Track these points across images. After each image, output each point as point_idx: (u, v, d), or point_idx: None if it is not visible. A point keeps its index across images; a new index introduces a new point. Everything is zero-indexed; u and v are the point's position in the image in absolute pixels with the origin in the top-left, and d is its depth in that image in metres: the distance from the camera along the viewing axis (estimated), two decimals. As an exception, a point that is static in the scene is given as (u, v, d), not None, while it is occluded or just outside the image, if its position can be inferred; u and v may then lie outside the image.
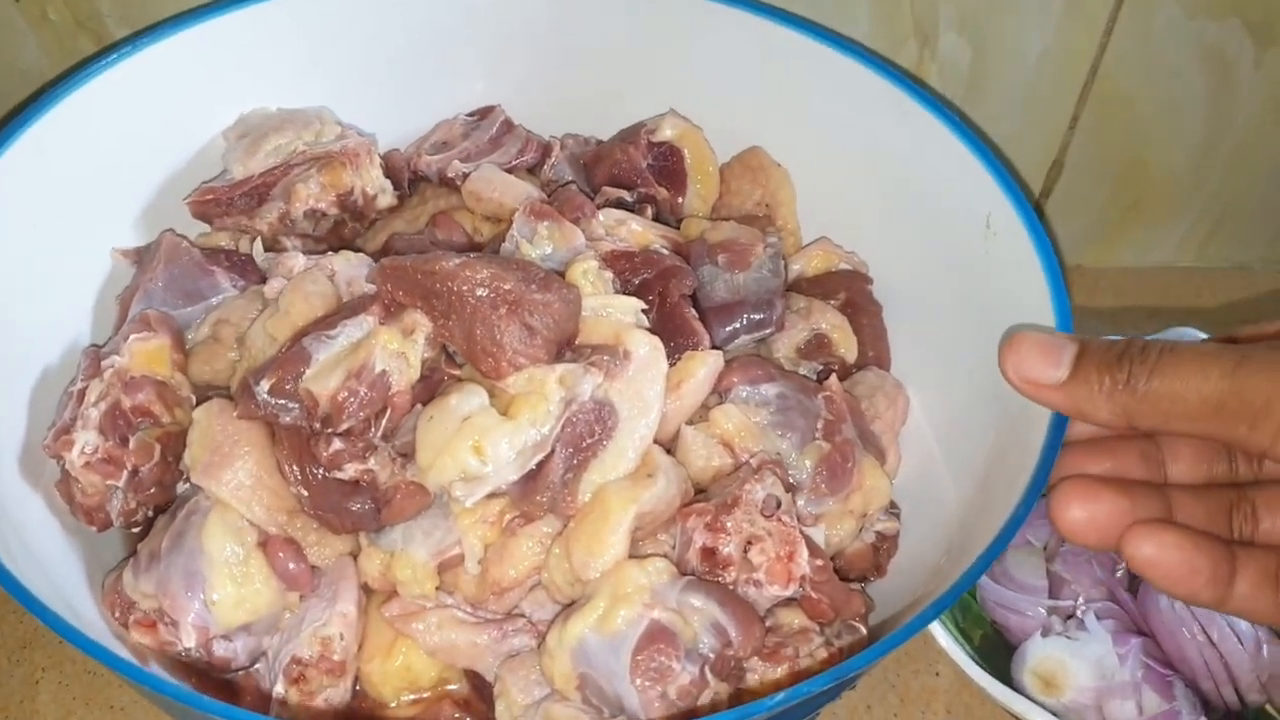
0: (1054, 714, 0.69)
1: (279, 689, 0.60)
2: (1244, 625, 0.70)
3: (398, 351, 0.60)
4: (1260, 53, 0.87)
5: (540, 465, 0.58)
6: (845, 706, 0.76)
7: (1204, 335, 0.84)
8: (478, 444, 0.58)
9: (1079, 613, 0.72)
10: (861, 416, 0.69)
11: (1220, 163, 0.94)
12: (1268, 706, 0.71)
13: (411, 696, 0.62)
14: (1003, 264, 0.67)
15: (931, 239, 0.73)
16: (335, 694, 0.61)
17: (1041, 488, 0.55)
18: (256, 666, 0.63)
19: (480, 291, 0.59)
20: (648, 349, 0.61)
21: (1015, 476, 0.57)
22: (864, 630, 0.60)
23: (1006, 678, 0.71)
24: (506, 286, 0.59)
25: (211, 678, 0.62)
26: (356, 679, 0.63)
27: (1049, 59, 0.86)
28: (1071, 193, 0.96)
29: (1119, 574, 0.74)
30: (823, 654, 0.58)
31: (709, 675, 0.54)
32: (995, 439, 0.64)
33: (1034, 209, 0.66)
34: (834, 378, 0.68)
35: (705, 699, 0.54)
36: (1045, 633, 0.71)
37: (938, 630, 0.71)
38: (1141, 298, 1.01)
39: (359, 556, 0.63)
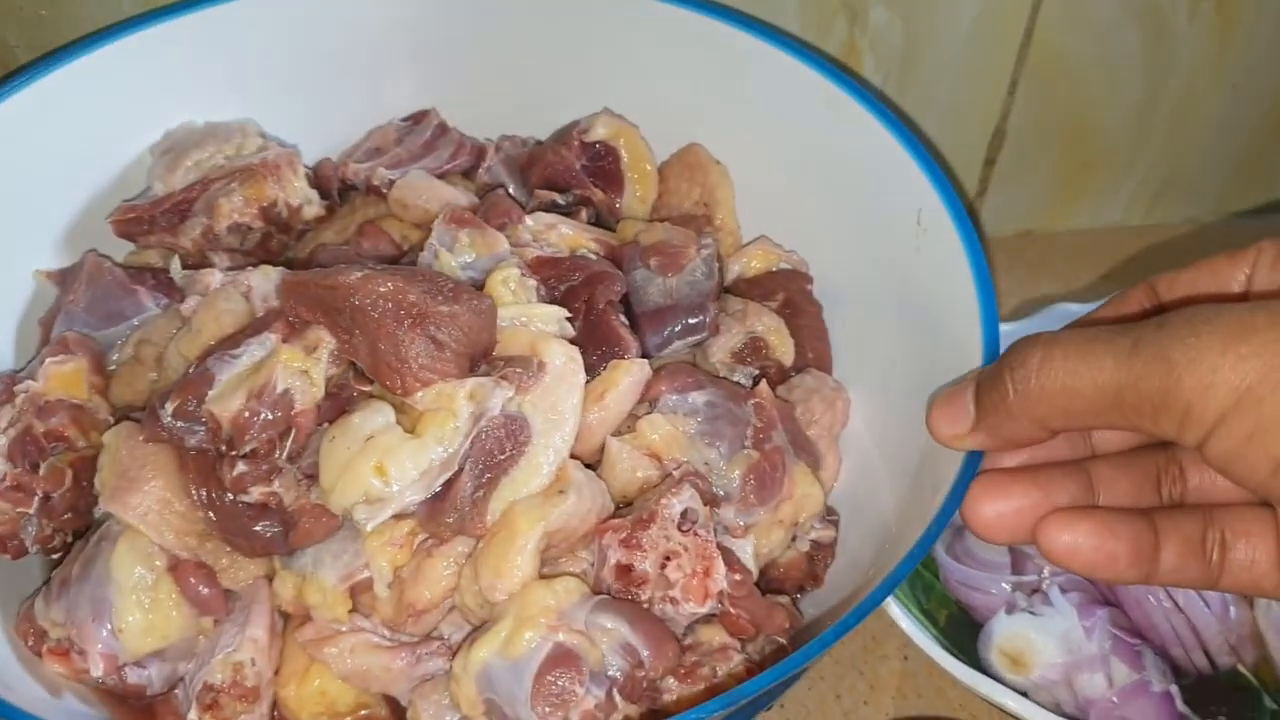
0: (1022, 693, 0.67)
1: (192, 716, 0.59)
2: None
3: (300, 369, 0.58)
4: (1194, 5, 0.85)
5: (448, 484, 0.57)
6: (814, 696, 0.75)
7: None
8: (380, 464, 0.56)
9: (1044, 586, 0.70)
10: (794, 422, 0.67)
11: (1162, 118, 0.93)
12: (1239, 667, 0.70)
13: (329, 721, 0.61)
14: (933, 261, 0.65)
15: (867, 236, 0.71)
16: (251, 719, 0.59)
17: (967, 484, 0.53)
18: (175, 692, 0.61)
19: (383, 305, 0.58)
20: (563, 360, 0.60)
21: (944, 473, 0.55)
22: (787, 646, 0.58)
23: (975, 657, 0.69)
24: (410, 299, 0.58)
25: (130, 704, 0.61)
26: (275, 704, 0.61)
27: (982, 24, 0.84)
28: (1017, 159, 0.95)
29: None
30: (742, 672, 0.56)
31: (617, 698, 0.53)
32: (927, 438, 0.62)
33: (964, 205, 0.64)
34: (764, 384, 0.66)
35: (613, 723, 0.52)
36: (1010, 610, 0.69)
37: (899, 614, 0.69)
38: (1094, 260, 0.99)
39: (273, 580, 0.61)
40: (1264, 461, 0.44)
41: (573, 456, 0.61)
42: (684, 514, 0.57)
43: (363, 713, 0.61)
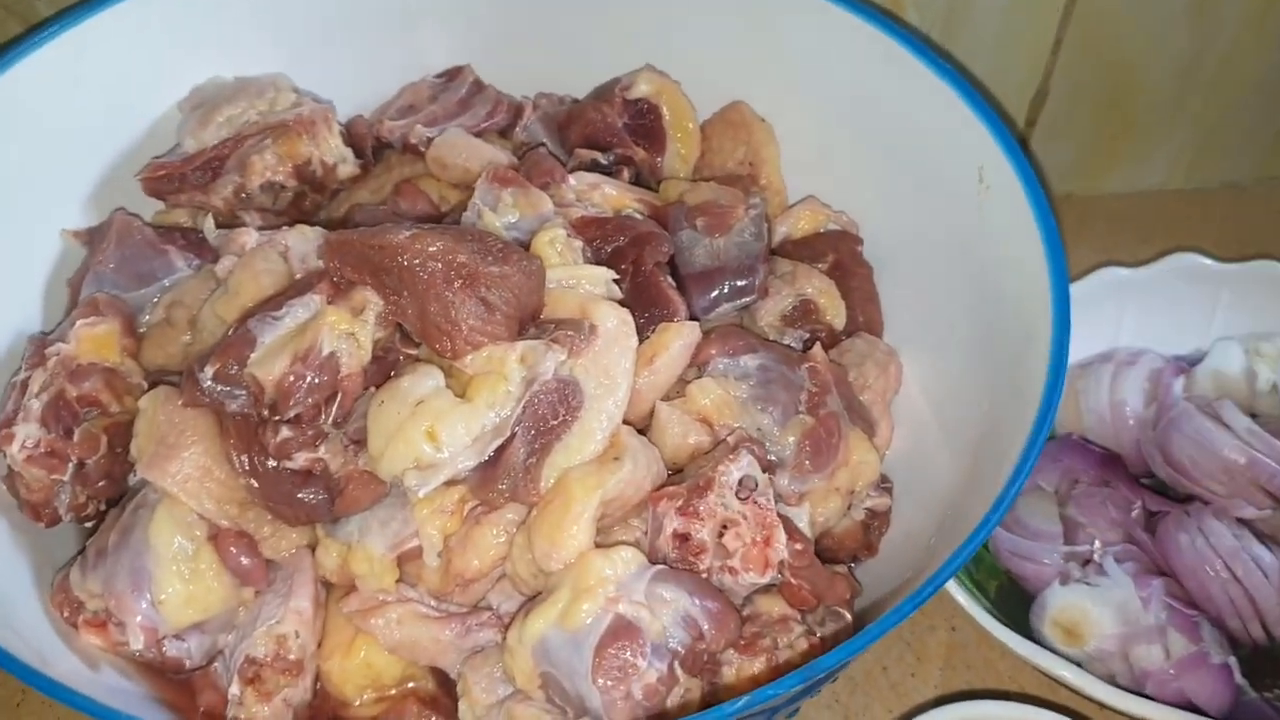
0: (1078, 664, 0.66)
1: (234, 690, 0.57)
2: (1268, 557, 0.66)
3: (347, 332, 0.56)
4: (1240, -37, 0.82)
5: (500, 450, 0.55)
6: (860, 668, 0.73)
7: (1208, 261, 0.81)
8: (431, 429, 0.54)
9: (1097, 557, 0.69)
10: (849, 387, 0.65)
11: (1204, 80, 0.90)
12: None
13: (374, 695, 0.59)
14: (996, 220, 0.63)
15: (923, 194, 0.69)
16: (294, 693, 0.58)
17: (1034, 459, 0.51)
18: (215, 665, 0.60)
19: (432, 266, 0.55)
20: (615, 322, 0.58)
21: (1009, 446, 0.53)
22: (849, 617, 0.57)
23: (1026, 629, 0.68)
24: (461, 259, 0.56)
25: (168, 678, 0.59)
26: (317, 677, 0.60)
27: (1026, -18, 0.82)
28: (1058, 120, 0.92)
29: (1134, 514, 0.70)
30: (803, 644, 0.55)
31: (679, 671, 0.51)
32: (990, 405, 0.60)
33: (1028, 160, 0.62)
34: (818, 347, 0.64)
35: (675, 697, 0.51)
36: (1064, 581, 0.68)
37: (952, 585, 0.67)
38: (1135, 223, 0.97)
39: (316, 549, 0.60)
40: None
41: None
42: (742, 481, 0.55)
43: (409, 685, 0.59)
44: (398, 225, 0.57)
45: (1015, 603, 0.70)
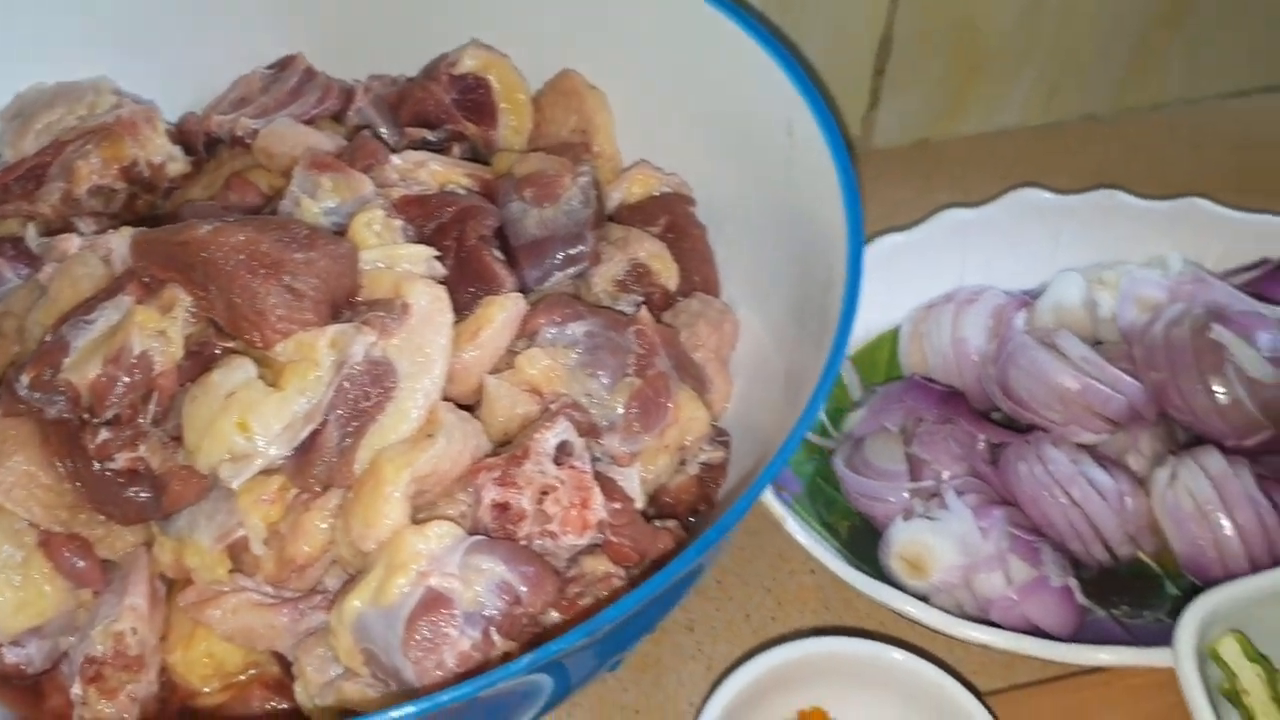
0: (924, 597, 0.67)
1: (76, 690, 0.58)
2: (1106, 481, 0.68)
3: (157, 330, 0.57)
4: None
5: (314, 436, 0.56)
6: (723, 617, 0.74)
7: (1048, 195, 0.83)
8: (243, 420, 0.55)
9: (941, 491, 0.70)
10: (679, 346, 0.66)
11: (1050, 16, 0.92)
12: (1141, 557, 0.70)
13: (220, 683, 0.60)
14: (804, 173, 0.64)
15: (746, 153, 0.70)
16: (138, 688, 0.59)
17: (822, 400, 0.53)
18: (61, 668, 0.60)
19: (235, 258, 0.56)
20: (428, 300, 0.58)
21: (804, 389, 0.55)
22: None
23: (878, 566, 0.69)
24: (263, 249, 0.56)
25: (13, 684, 0.60)
26: (163, 670, 0.60)
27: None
28: (906, 67, 0.93)
29: (978, 448, 0.72)
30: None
31: (495, 636, 0.52)
32: (803, 352, 0.62)
33: (831, 114, 0.63)
34: (644, 309, 0.65)
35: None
36: (907, 516, 0.69)
37: (796, 529, 0.68)
38: (991, 164, 0.98)
39: (153, 546, 0.60)
40: None
41: (452, 398, 0.61)
42: (559, 447, 0.57)
43: (253, 671, 0.60)
44: (201, 220, 0.58)
45: (867, 542, 0.71)
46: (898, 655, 0.60)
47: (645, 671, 0.71)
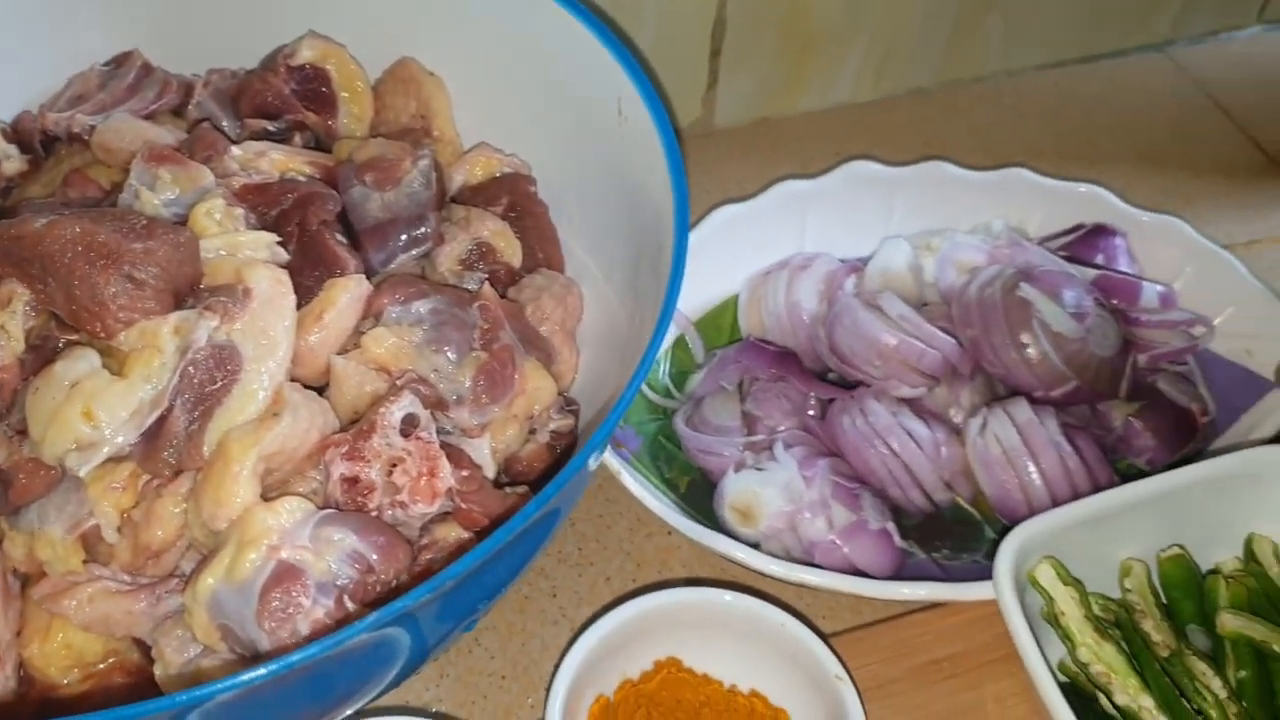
0: (756, 544, 0.71)
1: (-68, 690, 0.58)
2: (923, 431, 0.73)
3: (-5, 326, 0.57)
4: None
5: (160, 421, 0.57)
6: (585, 582, 0.76)
7: (880, 166, 0.87)
8: (87, 409, 0.55)
9: (771, 444, 0.74)
10: (524, 320, 0.69)
11: None
12: (960, 502, 0.75)
13: (81, 673, 0.60)
14: (634, 148, 0.67)
15: (580, 132, 0.73)
16: (-4, 684, 0.59)
17: (649, 364, 0.56)
18: (-81, 670, 0.60)
19: (73, 249, 0.57)
20: (269, 283, 0.60)
21: (633, 355, 0.58)
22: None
23: (715, 518, 0.73)
24: (101, 239, 0.57)
25: None
26: (22, 665, 0.61)
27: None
28: (741, 48, 0.97)
29: (810, 403, 0.76)
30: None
31: (349, 604, 0.54)
32: (639, 321, 0.65)
33: (655, 88, 0.66)
34: (487, 285, 0.68)
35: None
36: (737, 468, 0.73)
37: (629, 481, 0.71)
38: (828, 139, 1.03)
39: (3, 542, 0.60)
40: None
41: (302, 380, 0.62)
42: (405, 420, 0.58)
43: (112, 659, 0.61)
44: (36, 214, 0.58)
45: (705, 495, 0.75)
46: (729, 598, 0.64)
47: (511, 639, 0.73)
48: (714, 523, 0.72)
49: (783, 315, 0.82)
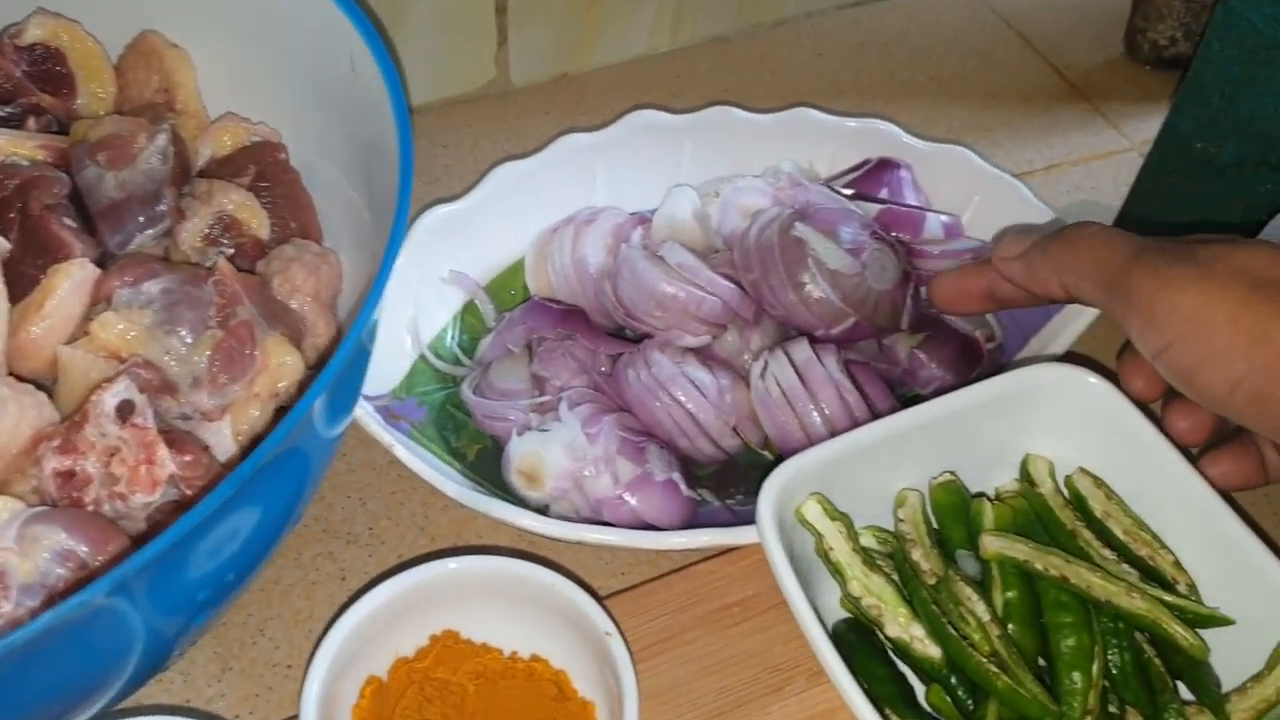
0: (545, 507, 0.70)
1: None
2: (706, 378, 0.72)
3: None
4: None
5: None
6: (374, 562, 0.73)
7: (665, 115, 0.86)
8: None
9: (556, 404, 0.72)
10: (266, 293, 0.66)
11: None
12: (751, 445, 0.74)
13: None
14: (367, 105, 0.64)
15: (324, 94, 0.70)
16: None
17: (363, 328, 0.54)
18: None
19: None
20: (-32, 277, 0.56)
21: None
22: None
23: (505, 485, 0.71)
24: None
25: None
26: None
27: None
28: (527, 3, 0.95)
29: (599, 360, 0.74)
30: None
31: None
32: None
33: (385, 46, 0.63)
34: (222, 260, 0.65)
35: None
36: (520, 431, 0.71)
37: (402, 454, 0.69)
38: (626, 90, 1.01)
39: None
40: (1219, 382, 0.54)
41: (28, 375, 0.59)
42: (121, 407, 0.55)
43: None
44: None
45: (494, 462, 0.73)
46: (493, 563, 0.62)
47: (297, 626, 0.71)
48: (505, 490, 0.70)
49: (569, 272, 0.80)
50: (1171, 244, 0.57)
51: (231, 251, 0.68)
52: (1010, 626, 0.59)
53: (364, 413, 0.69)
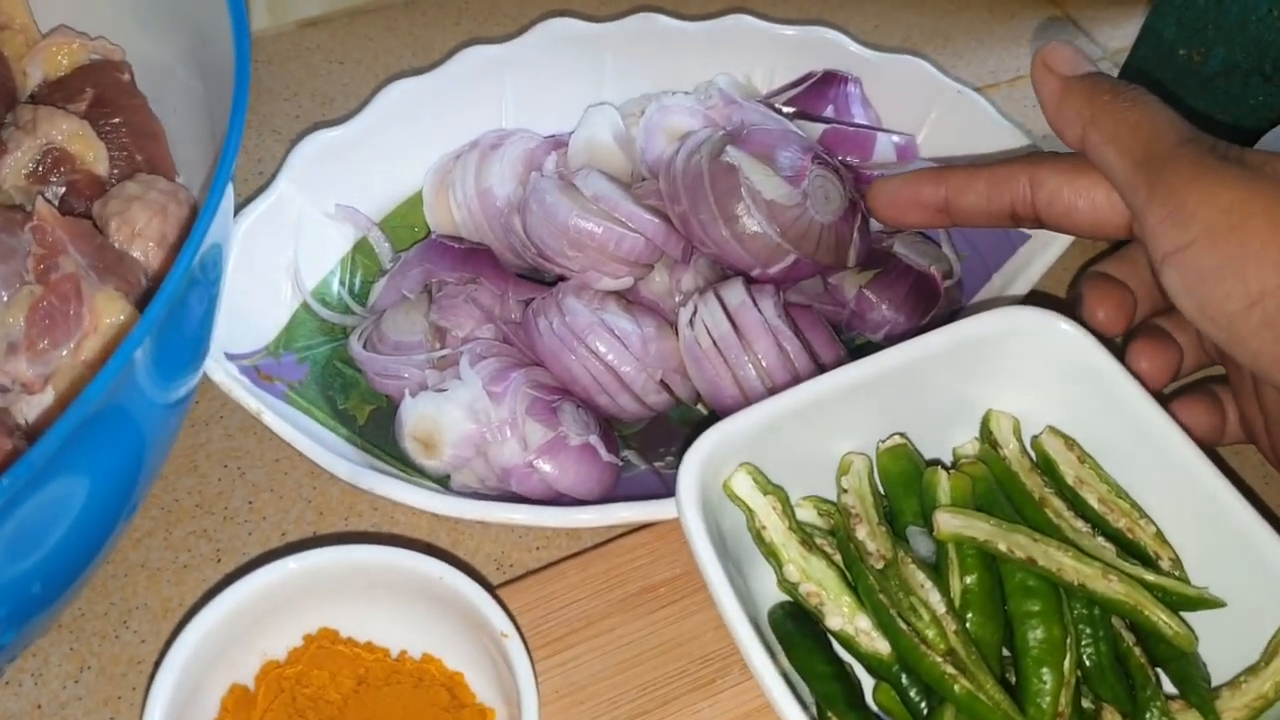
0: (446, 477, 0.62)
1: None
2: (628, 327, 0.63)
3: None
4: None
5: None
6: (257, 538, 0.65)
7: (582, 23, 0.77)
8: None
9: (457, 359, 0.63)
10: (99, 240, 0.56)
11: None
12: (682, 400, 0.66)
13: None
14: (215, 12, 0.54)
15: (169, 7, 0.59)
16: None
17: (190, 258, 0.44)
18: None
19: None
20: None
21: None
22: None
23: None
24: None
25: None
26: None
27: None
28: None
29: (509, 307, 0.65)
30: None
31: None
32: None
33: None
34: (40, 201, 0.55)
35: None
36: (414, 392, 0.62)
37: (272, 420, 0.60)
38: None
39: None
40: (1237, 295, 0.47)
41: None
42: (-101, 386, 0.46)
43: None
44: None
45: (388, 425, 0.64)
46: (370, 554, 0.53)
47: (166, 617, 0.62)
48: (403, 458, 0.61)
49: (473, 205, 0.70)
50: (1225, 144, 0.51)
51: (63, 190, 0.58)
52: (970, 617, 0.51)
53: (224, 374, 0.59)
